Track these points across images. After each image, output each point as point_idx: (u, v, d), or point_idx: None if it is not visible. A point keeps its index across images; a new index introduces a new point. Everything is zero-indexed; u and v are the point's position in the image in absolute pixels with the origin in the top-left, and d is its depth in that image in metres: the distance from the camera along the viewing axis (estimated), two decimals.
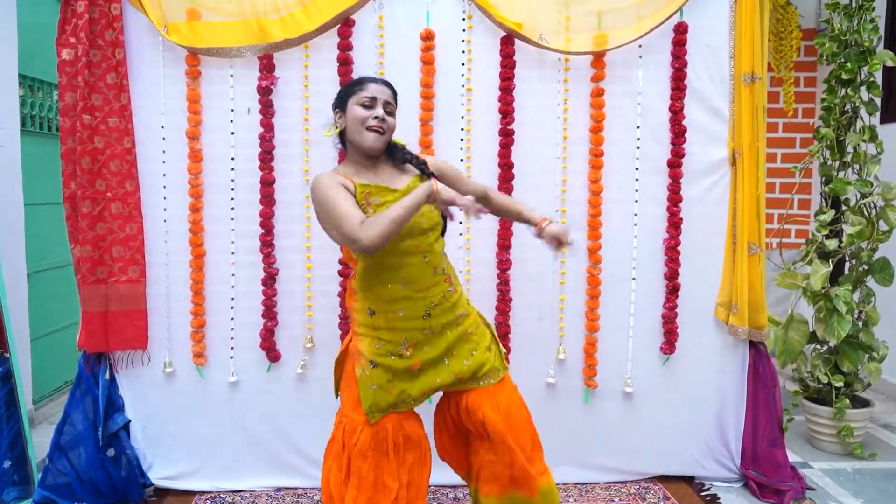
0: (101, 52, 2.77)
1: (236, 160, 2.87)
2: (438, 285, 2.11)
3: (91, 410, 2.83)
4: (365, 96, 2.07)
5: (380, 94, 2.08)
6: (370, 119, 2.04)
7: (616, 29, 2.83)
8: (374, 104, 2.07)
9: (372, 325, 2.11)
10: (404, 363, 2.09)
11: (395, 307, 2.08)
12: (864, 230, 3.23)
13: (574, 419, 2.98)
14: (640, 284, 2.95)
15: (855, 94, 3.26)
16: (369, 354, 2.10)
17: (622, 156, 2.90)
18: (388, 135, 2.09)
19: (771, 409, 2.96)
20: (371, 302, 2.10)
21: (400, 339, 2.09)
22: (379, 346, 2.10)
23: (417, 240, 2.06)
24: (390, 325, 2.09)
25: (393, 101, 2.12)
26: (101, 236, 2.81)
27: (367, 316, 2.11)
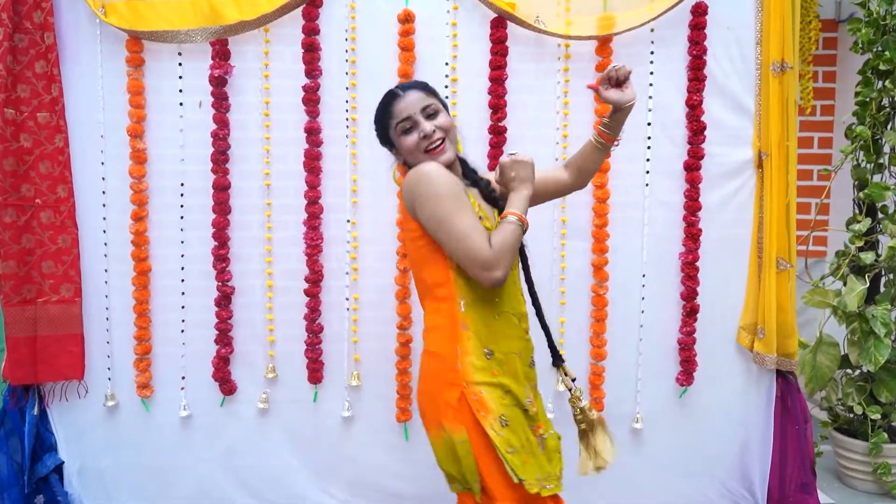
0: (27, 36, 2.40)
1: (186, 161, 2.50)
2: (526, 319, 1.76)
3: (17, 451, 2.45)
4: (398, 122, 1.70)
5: (410, 107, 1.68)
6: (420, 142, 1.67)
7: (624, 10, 2.47)
8: (413, 124, 1.68)
9: (492, 370, 1.63)
10: (528, 424, 1.67)
11: (514, 346, 1.69)
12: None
13: (574, 459, 2.59)
14: (653, 305, 2.57)
15: (894, 86, 2.87)
16: (498, 408, 1.61)
17: (631, 157, 2.52)
18: (449, 138, 1.70)
19: (801, 449, 2.58)
20: (489, 340, 1.65)
21: (525, 391, 1.68)
22: (504, 394, 1.63)
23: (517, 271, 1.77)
24: (511, 370, 1.66)
25: (431, 99, 1.71)
26: (28, 250, 2.44)
27: (485, 359, 1.64)
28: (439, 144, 1.67)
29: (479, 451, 1.59)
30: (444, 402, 1.62)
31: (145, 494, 2.58)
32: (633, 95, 1.79)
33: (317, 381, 2.57)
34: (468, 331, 1.64)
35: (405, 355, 2.54)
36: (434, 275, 1.67)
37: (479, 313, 1.65)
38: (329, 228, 2.52)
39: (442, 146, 1.67)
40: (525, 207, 1.65)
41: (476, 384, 1.61)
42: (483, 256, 1.55)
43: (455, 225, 1.57)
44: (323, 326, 2.55)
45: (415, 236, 1.67)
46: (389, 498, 2.61)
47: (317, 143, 2.48)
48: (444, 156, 1.68)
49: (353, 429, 2.60)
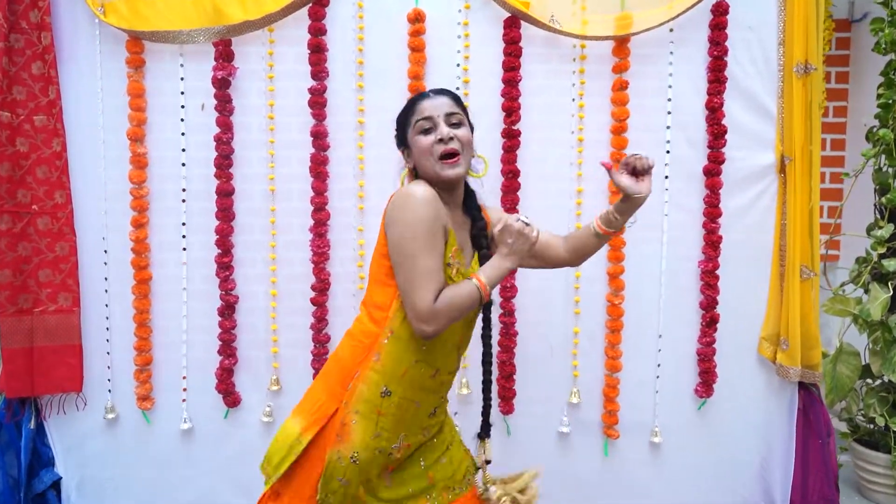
0: (23, 36, 2.33)
1: (188, 165, 2.42)
2: (453, 376, 1.67)
3: (13, 466, 2.37)
4: (418, 120, 1.59)
5: (434, 109, 1.58)
6: (435, 145, 1.56)
7: (642, 9, 2.38)
8: (432, 125, 1.58)
9: (378, 408, 1.55)
10: (382, 464, 1.57)
11: (416, 396, 1.58)
12: None
13: (591, 475, 2.52)
14: (671, 315, 2.48)
15: None
16: (359, 444, 1.53)
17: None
18: (464, 154, 1.58)
19: (824, 463, 2.49)
20: (392, 381, 1.55)
21: (398, 436, 1.58)
22: (375, 436, 1.54)
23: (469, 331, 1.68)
24: (400, 415, 1.56)
25: (457, 108, 1.61)
26: (24, 258, 2.36)
27: (379, 395, 1.55)
28: (454, 156, 1.56)
29: (309, 458, 1.55)
30: (317, 405, 1.58)
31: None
32: (647, 190, 1.64)
33: None
34: (377, 363, 1.55)
35: None
36: (380, 296, 1.58)
37: (398, 353, 1.55)
38: (335, 232, 2.44)
39: (456, 159, 1.56)
40: (496, 280, 1.51)
41: (353, 411, 1.54)
42: (421, 307, 1.45)
43: (414, 265, 1.46)
44: (329, 336, 2.46)
45: (381, 253, 1.57)
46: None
47: (323, 147, 2.39)
48: (455, 170, 1.56)
49: None
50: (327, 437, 1.55)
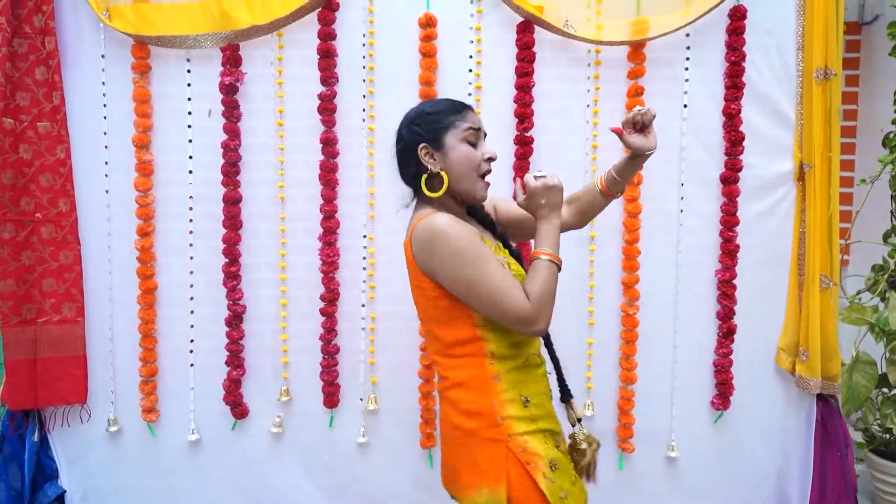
0: (27, 41, 2.28)
1: (194, 173, 2.37)
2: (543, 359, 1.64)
3: (17, 480, 2.32)
4: (469, 128, 1.51)
5: (480, 123, 1.54)
6: (483, 164, 1.52)
7: (658, 14, 2.32)
8: (479, 139, 1.54)
9: (531, 416, 1.51)
10: (567, 462, 1.56)
11: (542, 387, 1.57)
12: None
13: (605, 489, 2.44)
14: (687, 326, 2.42)
15: None
16: (546, 453, 1.49)
17: (665, 168, 2.38)
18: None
19: (843, 477, 2.44)
20: (521, 387, 1.51)
21: (555, 435, 1.55)
22: (545, 439, 1.51)
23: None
24: (544, 413, 1.54)
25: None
26: (27, 267, 2.31)
27: (523, 406, 1.50)
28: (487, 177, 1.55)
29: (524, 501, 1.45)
30: (487, 461, 1.47)
31: None
32: (655, 143, 1.65)
33: (332, 405, 2.43)
34: (502, 383, 1.49)
35: (428, 378, 2.40)
36: (456, 334, 1.50)
37: (508, 363, 1.51)
38: (344, 237, 2.39)
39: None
40: (557, 243, 1.48)
41: (519, 435, 1.48)
42: (524, 312, 1.40)
43: (485, 283, 1.41)
44: (339, 347, 2.41)
45: (432, 295, 1.49)
46: None
47: (333, 154, 2.35)
48: (486, 190, 1.55)
49: (370, 455, 2.47)
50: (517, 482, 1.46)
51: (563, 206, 1.63)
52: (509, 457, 1.46)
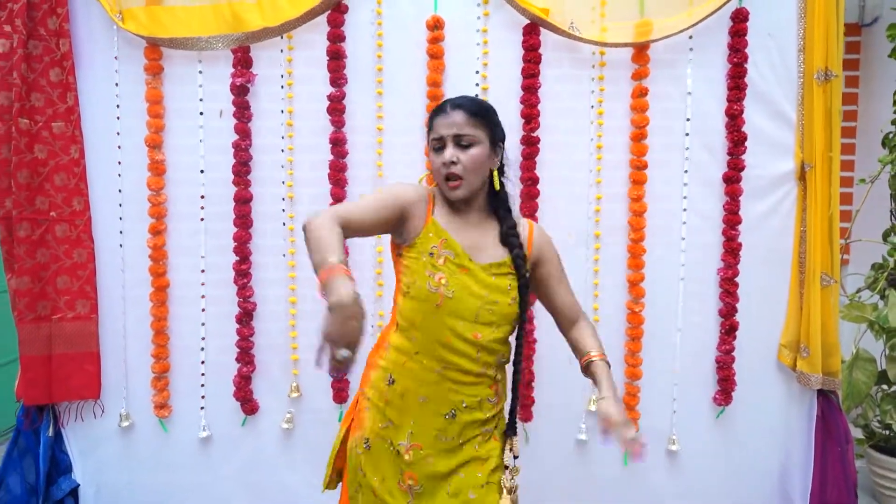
0: (42, 43, 2.32)
1: (206, 172, 2.42)
2: (479, 386, 1.62)
3: (31, 473, 2.37)
4: (433, 139, 1.63)
5: (448, 128, 1.60)
6: (441, 167, 1.60)
7: (662, 16, 2.36)
8: (442, 144, 1.61)
9: (386, 396, 1.60)
10: (395, 464, 1.60)
11: (420, 390, 1.59)
12: None
13: (610, 484, 2.50)
14: (690, 323, 2.46)
15: None
16: (369, 429, 1.61)
17: (669, 168, 2.42)
18: (469, 177, 1.60)
19: (843, 471, 2.48)
20: (395, 370, 1.60)
21: (406, 433, 1.59)
22: (383, 426, 1.61)
23: (478, 329, 1.58)
24: (405, 407, 1.59)
25: (471, 129, 1.60)
26: (42, 265, 2.35)
27: (385, 383, 1.60)
28: (456, 180, 1.59)
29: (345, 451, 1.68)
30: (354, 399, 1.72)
31: None
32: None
33: (342, 400, 2.47)
34: (386, 352, 1.63)
35: None
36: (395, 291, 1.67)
37: (401, 343, 1.61)
38: (355, 243, 2.42)
39: (458, 182, 1.59)
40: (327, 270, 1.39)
41: (367, 398, 1.64)
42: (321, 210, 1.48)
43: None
44: None
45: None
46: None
47: (342, 154, 2.39)
48: (457, 192, 1.60)
49: None
50: (351, 432, 1.67)
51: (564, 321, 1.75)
52: (357, 403, 1.68)
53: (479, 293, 1.58)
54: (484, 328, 1.59)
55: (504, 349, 1.65)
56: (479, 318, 1.58)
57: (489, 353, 1.61)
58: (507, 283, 1.62)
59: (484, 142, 1.62)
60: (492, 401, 1.65)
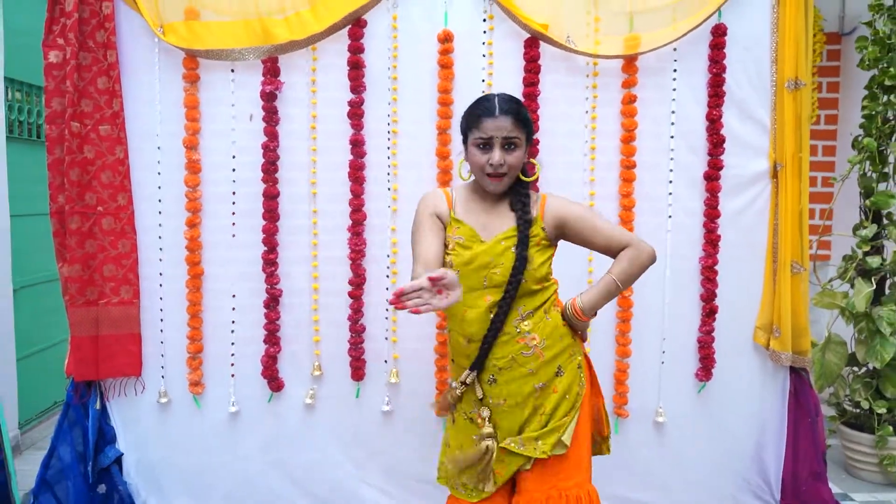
0: (91, 54, 2.56)
1: (237, 171, 2.66)
2: (508, 345, 1.84)
3: (80, 443, 2.62)
4: (480, 137, 1.81)
5: (497, 131, 1.79)
6: (487, 166, 1.81)
7: (649, 31, 2.62)
8: (490, 145, 1.80)
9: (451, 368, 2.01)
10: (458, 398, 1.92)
11: (462, 361, 1.91)
12: None
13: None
14: (675, 306, 2.73)
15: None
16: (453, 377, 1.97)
17: (656, 167, 2.69)
18: (510, 175, 1.83)
19: (813, 440, 2.75)
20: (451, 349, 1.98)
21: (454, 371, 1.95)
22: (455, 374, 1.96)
23: (488, 293, 1.83)
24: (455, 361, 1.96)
25: (517, 132, 1.81)
26: (91, 254, 2.59)
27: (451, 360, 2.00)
28: (501, 176, 1.81)
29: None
30: None
31: (196, 485, 2.74)
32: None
33: (359, 378, 2.73)
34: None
35: (443, 353, 2.70)
36: None
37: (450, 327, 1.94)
38: (370, 232, 2.68)
39: (502, 178, 1.82)
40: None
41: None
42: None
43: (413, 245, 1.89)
44: (365, 327, 2.71)
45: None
46: (424, 485, 2.73)
47: (360, 154, 2.64)
48: (498, 187, 1.83)
49: (392, 422, 2.76)
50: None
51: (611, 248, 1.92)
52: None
53: (483, 263, 1.81)
54: (492, 290, 1.82)
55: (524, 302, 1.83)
56: (490, 282, 1.82)
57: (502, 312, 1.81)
58: (509, 245, 1.82)
59: (524, 144, 1.84)
60: (527, 353, 1.83)
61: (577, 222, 1.88)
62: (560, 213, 1.88)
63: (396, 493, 2.77)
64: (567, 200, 1.93)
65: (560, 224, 1.88)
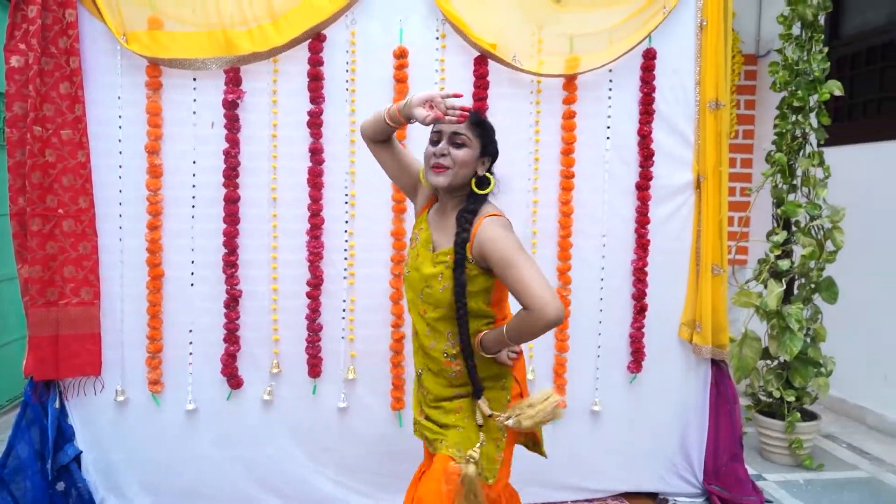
0: (53, 59, 2.61)
1: (198, 175, 2.75)
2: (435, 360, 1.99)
3: (37, 441, 2.65)
4: (434, 131, 1.92)
5: (448, 127, 1.88)
6: (432, 156, 1.89)
7: (588, 53, 2.86)
8: (438, 138, 1.90)
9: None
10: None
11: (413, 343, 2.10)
12: (814, 251, 3.37)
13: (544, 438, 2.96)
14: (609, 305, 2.98)
15: (805, 120, 3.41)
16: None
17: (592, 177, 2.93)
18: (455, 170, 1.87)
19: (731, 425, 3.04)
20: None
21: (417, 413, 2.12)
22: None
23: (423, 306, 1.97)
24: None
25: (468, 132, 1.88)
26: (51, 256, 2.64)
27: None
28: (442, 168, 1.86)
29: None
30: None
31: (154, 481, 2.81)
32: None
33: (316, 375, 2.86)
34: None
35: (399, 350, 2.86)
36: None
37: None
38: (328, 236, 2.82)
39: (442, 170, 1.85)
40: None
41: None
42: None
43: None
44: (322, 326, 2.84)
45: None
46: (378, 477, 2.89)
47: (319, 161, 2.78)
48: (438, 178, 1.87)
49: (348, 418, 2.90)
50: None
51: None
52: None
53: (422, 275, 1.92)
54: (427, 306, 1.93)
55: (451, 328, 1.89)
56: (424, 298, 1.93)
57: (434, 330, 1.93)
58: (441, 270, 1.87)
59: (474, 148, 1.88)
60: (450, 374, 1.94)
61: (497, 265, 1.80)
62: (483, 245, 1.82)
63: (351, 484, 2.91)
64: (498, 235, 1.82)
65: (483, 258, 1.83)
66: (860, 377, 4.11)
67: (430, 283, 1.90)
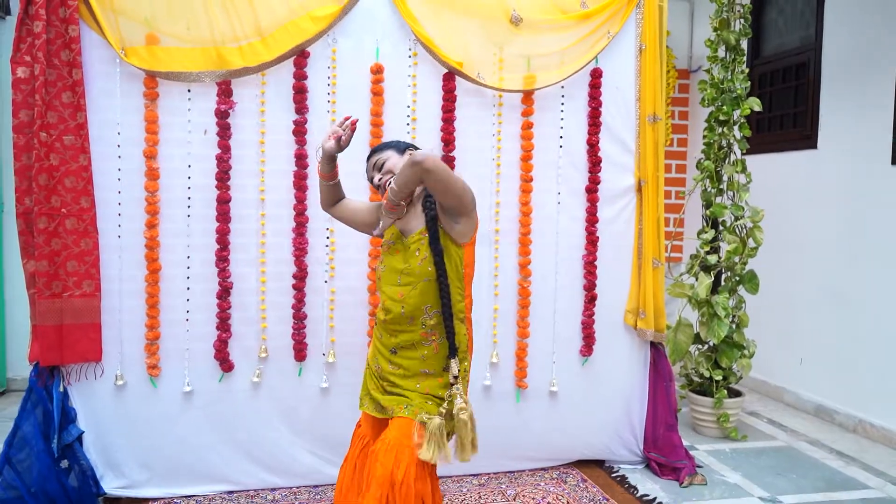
0: (56, 71, 2.82)
1: (192, 178, 3.00)
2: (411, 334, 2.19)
3: (43, 422, 2.85)
4: (368, 179, 2.37)
5: (369, 171, 2.33)
6: (380, 190, 2.30)
7: (543, 71, 3.24)
8: (372, 176, 2.33)
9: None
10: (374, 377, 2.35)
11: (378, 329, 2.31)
12: (738, 247, 3.83)
13: (507, 417, 3.33)
14: (563, 295, 3.36)
15: (730, 132, 3.87)
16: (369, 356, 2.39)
17: (547, 181, 3.31)
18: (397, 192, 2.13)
19: (668, 400, 3.46)
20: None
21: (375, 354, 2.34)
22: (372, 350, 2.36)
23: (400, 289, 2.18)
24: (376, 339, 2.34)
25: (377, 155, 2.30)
26: (56, 251, 2.85)
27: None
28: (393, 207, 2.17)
29: None
30: None
31: (151, 459, 3.04)
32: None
33: (301, 359, 3.14)
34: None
35: None
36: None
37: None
38: (312, 233, 3.11)
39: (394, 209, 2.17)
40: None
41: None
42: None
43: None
44: (307, 314, 3.13)
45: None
46: None
47: (304, 165, 3.07)
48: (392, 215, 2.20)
49: (329, 397, 3.20)
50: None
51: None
52: None
53: (400, 262, 2.18)
54: (405, 287, 2.15)
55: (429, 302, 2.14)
56: (401, 282, 2.17)
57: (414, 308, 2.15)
58: (417, 247, 2.15)
59: (393, 155, 2.26)
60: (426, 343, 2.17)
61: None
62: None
63: (330, 457, 3.19)
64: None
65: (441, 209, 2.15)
66: (779, 361, 4.63)
67: (409, 262, 2.15)
